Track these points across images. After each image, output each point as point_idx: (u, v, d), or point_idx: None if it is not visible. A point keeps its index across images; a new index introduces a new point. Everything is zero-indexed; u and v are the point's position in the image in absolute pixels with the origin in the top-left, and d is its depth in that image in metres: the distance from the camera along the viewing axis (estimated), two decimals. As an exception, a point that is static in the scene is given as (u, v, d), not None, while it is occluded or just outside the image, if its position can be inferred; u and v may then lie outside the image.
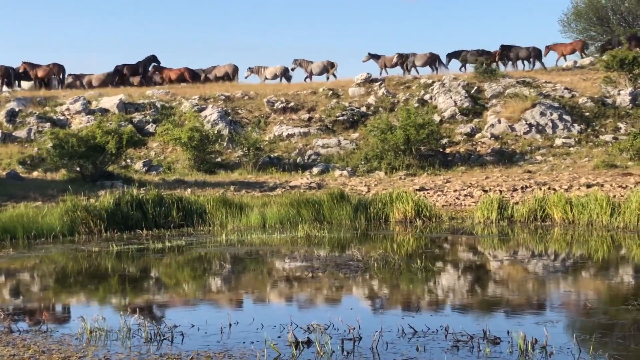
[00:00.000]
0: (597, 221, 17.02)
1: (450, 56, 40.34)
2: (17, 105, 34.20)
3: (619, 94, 33.01)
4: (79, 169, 26.02)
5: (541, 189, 21.39)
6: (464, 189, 23.22)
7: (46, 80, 39.99)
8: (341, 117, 33.33)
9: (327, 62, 40.28)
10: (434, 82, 35.58)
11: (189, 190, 22.96)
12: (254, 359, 7.05)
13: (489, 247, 15.10)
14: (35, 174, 27.37)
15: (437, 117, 32.12)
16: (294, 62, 40.92)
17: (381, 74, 39.09)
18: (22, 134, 32.16)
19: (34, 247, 15.42)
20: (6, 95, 36.27)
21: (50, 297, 10.90)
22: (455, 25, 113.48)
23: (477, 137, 31.20)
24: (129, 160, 30.10)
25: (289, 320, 8.11)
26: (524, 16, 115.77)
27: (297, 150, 31.22)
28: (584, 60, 40.16)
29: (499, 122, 31.70)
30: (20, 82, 40.34)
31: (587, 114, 32.26)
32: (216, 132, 31.18)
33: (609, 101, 32.93)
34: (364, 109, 34.14)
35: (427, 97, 34.64)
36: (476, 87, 34.75)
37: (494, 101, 33.61)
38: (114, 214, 17.62)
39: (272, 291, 10.90)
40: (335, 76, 39.71)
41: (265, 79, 40.70)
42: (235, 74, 41.20)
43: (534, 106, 32.10)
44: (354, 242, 15.48)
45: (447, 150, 30.25)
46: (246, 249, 14.71)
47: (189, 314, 9.11)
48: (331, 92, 35.91)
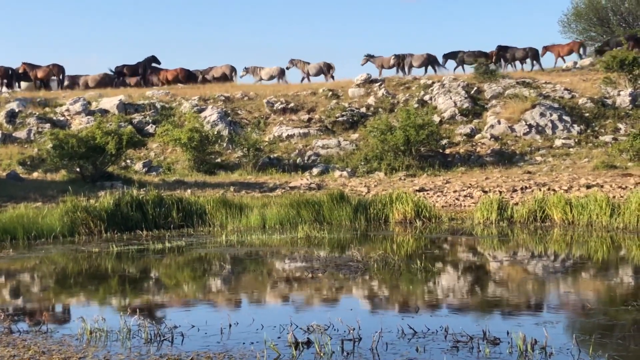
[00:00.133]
0: (596, 222, 17.02)
1: (446, 57, 40.28)
2: (17, 105, 34.20)
3: (619, 95, 33.02)
4: (78, 169, 26.03)
5: (541, 190, 21.39)
6: (464, 190, 23.23)
7: (46, 81, 40.02)
8: (341, 118, 33.34)
9: (324, 64, 40.25)
10: (433, 83, 35.59)
11: (189, 191, 22.97)
12: (254, 359, 7.06)
13: (489, 247, 15.10)
14: (35, 175, 27.37)
15: (436, 118, 32.14)
16: (290, 62, 40.88)
17: (380, 75, 39.08)
18: (22, 134, 32.17)
19: (34, 248, 15.42)
20: (6, 96, 36.27)
21: (50, 297, 10.91)
22: (453, 26, 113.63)
23: (476, 137, 31.21)
24: (128, 161, 30.11)
25: (289, 320, 8.12)
26: (522, 17, 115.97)
27: (297, 151, 31.22)
28: (583, 60, 40.16)
29: (499, 122, 31.71)
30: (20, 82, 40.36)
31: (587, 114, 32.28)
32: (216, 132, 31.19)
33: (609, 102, 32.94)
34: (363, 110, 34.15)
35: (426, 97, 34.65)
36: (476, 88, 34.75)
37: (494, 102, 33.62)
38: (114, 214, 17.63)
39: (272, 292, 10.90)
40: (333, 77, 39.73)
41: (260, 79, 40.70)
42: (233, 75, 41.19)
43: (534, 107, 32.11)
44: (354, 242, 15.48)
45: (447, 151, 30.26)
46: (246, 249, 14.71)
47: (189, 314, 9.11)
48: (331, 92, 35.92)
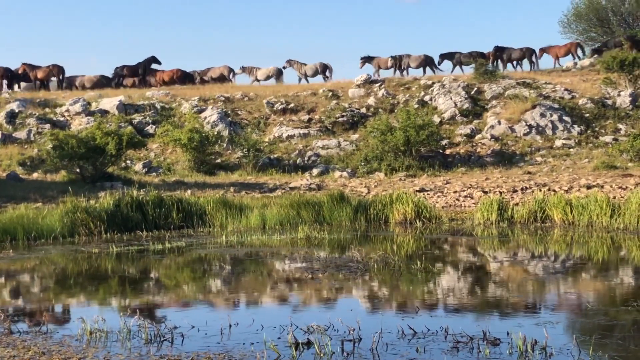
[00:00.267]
0: (597, 222, 17.02)
1: (442, 57, 40.28)
2: (17, 106, 34.19)
3: (619, 95, 33.03)
4: (78, 170, 26.03)
5: (541, 190, 21.38)
6: (464, 190, 23.23)
7: (45, 81, 40.02)
8: (341, 119, 33.34)
9: (320, 64, 40.25)
10: (433, 84, 35.59)
11: (189, 191, 22.96)
12: (254, 360, 7.06)
13: (489, 248, 15.09)
14: (35, 175, 27.37)
15: (437, 118, 32.14)
16: (287, 63, 40.89)
17: (379, 76, 39.03)
18: (22, 135, 32.16)
19: (34, 249, 15.42)
20: (6, 96, 36.27)
21: (50, 298, 10.90)
22: (452, 26, 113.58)
23: (477, 138, 31.21)
24: (128, 161, 30.11)
25: (289, 321, 8.11)
26: (520, 18, 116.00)
27: (297, 151, 31.22)
28: (583, 61, 40.17)
29: (499, 123, 31.71)
30: (20, 83, 40.37)
31: (587, 115, 32.28)
32: (216, 133, 31.19)
33: (609, 102, 32.95)
34: (363, 110, 34.15)
35: (427, 98, 34.65)
36: (476, 88, 34.75)
37: (494, 102, 33.62)
38: (114, 215, 17.62)
39: (272, 292, 10.90)
40: (328, 78, 39.77)
41: (256, 79, 40.73)
42: (231, 76, 41.21)
43: (534, 107, 32.12)
44: (354, 243, 15.47)
45: (447, 151, 30.26)
46: (246, 250, 14.70)
47: (189, 315, 9.11)
48: (331, 93, 35.92)
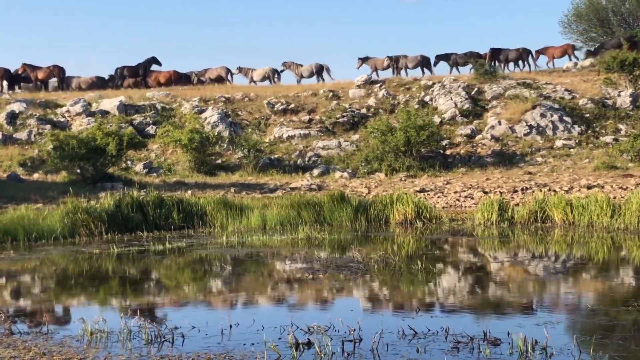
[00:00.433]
0: (597, 222, 17.01)
1: (439, 58, 40.28)
2: (17, 107, 34.20)
3: (620, 96, 33.03)
4: (79, 170, 26.03)
5: (541, 191, 21.38)
6: (465, 191, 23.22)
7: (46, 82, 40.03)
8: (341, 119, 33.34)
9: (317, 65, 40.27)
10: (434, 84, 35.58)
11: (190, 192, 22.96)
12: (255, 360, 7.06)
13: (489, 248, 15.09)
14: (35, 176, 27.37)
15: (437, 119, 32.14)
16: (283, 65, 40.91)
17: (378, 76, 38.99)
18: (22, 135, 32.16)
19: (34, 249, 15.42)
20: (6, 97, 36.28)
21: (51, 299, 10.91)
22: (451, 27, 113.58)
23: (477, 138, 31.21)
24: (129, 162, 30.10)
25: (290, 321, 8.11)
26: (519, 18, 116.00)
27: (298, 151, 31.22)
28: (584, 61, 40.17)
29: (499, 123, 31.71)
30: (20, 84, 40.37)
31: (588, 115, 32.28)
32: (216, 133, 31.20)
33: (610, 102, 32.95)
34: (364, 111, 34.15)
35: (427, 98, 34.65)
36: (476, 89, 34.75)
37: (494, 102, 33.62)
38: (114, 215, 17.62)
39: (272, 293, 10.90)
40: (324, 79, 39.80)
41: (252, 80, 40.76)
42: (228, 77, 41.25)
43: (535, 108, 32.12)
44: (355, 243, 15.47)
45: (448, 151, 30.26)
46: (246, 250, 14.70)
47: (189, 315, 9.11)
48: (331, 93, 35.92)
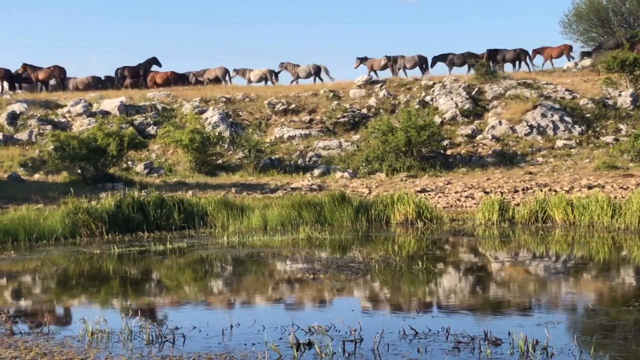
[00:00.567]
0: (598, 222, 17.01)
1: (436, 59, 40.26)
2: (18, 107, 34.20)
3: (620, 96, 33.02)
4: (80, 171, 26.03)
5: (542, 191, 21.38)
6: (465, 191, 23.22)
7: (46, 82, 40.03)
8: (342, 119, 33.34)
9: (314, 66, 40.28)
10: (434, 84, 35.56)
11: (190, 192, 22.97)
12: (256, 360, 7.06)
13: (490, 248, 15.09)
14: (36, 177, 27.38)
15: (438, 119, 32.13)
16: (281, 65, 40.91)
17: (377, 76, 38.97)
18: (23, 136, 32.16)
19: (35, 250, 15.43)
20: (7, 97, 36.29)
21: (51, 299, 10.91)
22: (451, 27, 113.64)
23: (478, 138, 31.21)
24: (130, 162, 30.11)
25: (290, 321, 8.12)
26: (519, 19, 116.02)
27: (298, 152, 31.23)
28: (584, 61, 40.16)
29: (500, 123, 31.70)
30: (21, 84, 40.39)
31: (588, 115, 32.28)
32: (217, 134, 31.20)
33: (610, 102, 32.94)
34: (364, 111, 34.15)
35: (428, 98, 34.64)
36: (477, 89, 34.74)
37: (495, 103, 33.61)
38: (115, 216, 17.63)
39: (273, 293, 10.90)
40: (322, 79, 39.81)
41: (249, 81, 40.78)
42: (227, 77, 41.30)
43: (535, 108, 32.10)
44: (355, 243, 15.48)
45: (448, 151, 30.26)
46: (247, 250, 14.71)
47: (190, 315, 9.12)
48: (332, 93, 35.91)
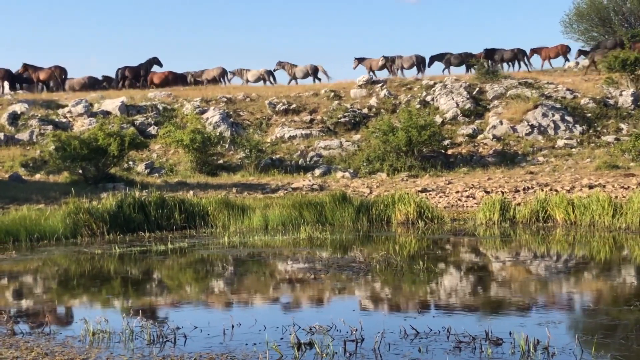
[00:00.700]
0: (599, 222, 17.00)
1: (433, 58, 40.25)
2: (19, 107, 34.22)
3: (621, 95, 33.01)
4: (81, 171, 26.05)
5: (543, 190, 21.37)
6: (466, 190, 23.22)
7: (47, 82, 40.05)
8: (343, 119, 33.34)
9: (311, 66, 40.27)
10: (435, 84, 35.57)
11: (191, 192, 22.98)
12: (257, 360, 7.07)
13: (491, 248, 15.09)
14: (37, 177, 27.40)
15: (438, 119, 32.13)
16: (278, 64, 40.91)
17: (375, 76, 38.92)
18: (24, 136, 32.17)
19: (36, 250, 15.43)
20: (8, 97, 36.31)
21: (53, 299, 10.91)
22: (451, 27, 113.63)
23: (479, 138, 31.20)
24: (131, 162, 30.12)
25: (291, 321, 8.12)
26: (519, 18, 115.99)
27: (299, 152, 31.23)
28: (585, 61, 40.13)
29: (501, 123, 31.70)
30: (22, 84, 40.40)
31: (589, 115, 32.27)
32: (218, 134, 31.21)
33: (611, 102, 32.93)
34: (365, 111, 34.15)
35: (428, 98, 34.63)
36: (478, 89, 34.73)
37: (496, 102, 33.60)
38: (116, 216, 17.63)
39: (274, 293, 10.91)
40: (319, 79, 39.82)
41: (247, 81, 40.78)
42: (225, 77, 41.31)
43: (536, 107, 32.09)
44: (356, 243, 15.48)
45: (449, 151, 30.25)
46: (248, 250, 14.71)
47: (191, 315, 9.12)
48: (333, 93, 35.92)
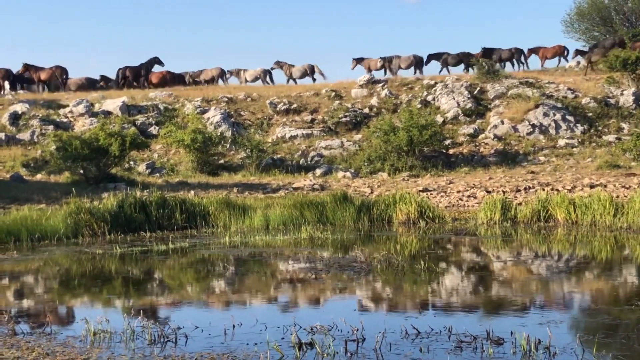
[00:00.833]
0: (600, 222, 16.99)
1: (431, 57, 40.24)
2: (20, 107, 34.24)
3: (622, 94, 33.00)
4: (82, 171, 26.05)
5: (544, 190, 21.36)
6: (467, 190, 23.21)
7: (48, 82, 40.07)
8: (344, 119, 33.34)
9: (309, 66, 40.28)
10: (436, 83, 35.56)
11: (192, 192, 22.98)
12: (258, 360, 7.06)
13: (492, 248, 15.09)
14: (38, 177, 27.41)
15: (440, 118, 32.12)
16: (276, 64, 40.91)
17: (372, 77, 38.95)
18: (25, 136, 32.20)
19: (37, 250, 15.43)
20: (9, 97, 36.33)
21: (54, 299, 10.91)
22: (452, 27, 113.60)
23: (480, 138, 31.19)
24: (132, 162, 30.13)
25: (292, 321, 8.12)
26: (519, 18, 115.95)
27: (300, 151, 31.24)
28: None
29: (502, 122, 31.69)
30: (23, 84, 40.42)
31: (590, 114, 32.25)
32: (219, 134, 31.22)
33: (612, 101, 32.92)
34: (366, 111, 34.15)
35: (429, 98, 34.63)
36: (479, 88, 34.72)
37: (497, 102, 33.59)
38: (117, 216, 17.63)
39: (275, 293, 10.91)
40: (315, 79, 39.81)
41: (245, 81, 40.80)
42: (223, 78, 41.31)
43: (537, 107, 32.08)
44: (357, 243, 15.48)
45: (450, 151, 30.24)
46: (249, 250, 14.71)
47: (192, 315, 9.12)
48: (334, 93, 35.91)
